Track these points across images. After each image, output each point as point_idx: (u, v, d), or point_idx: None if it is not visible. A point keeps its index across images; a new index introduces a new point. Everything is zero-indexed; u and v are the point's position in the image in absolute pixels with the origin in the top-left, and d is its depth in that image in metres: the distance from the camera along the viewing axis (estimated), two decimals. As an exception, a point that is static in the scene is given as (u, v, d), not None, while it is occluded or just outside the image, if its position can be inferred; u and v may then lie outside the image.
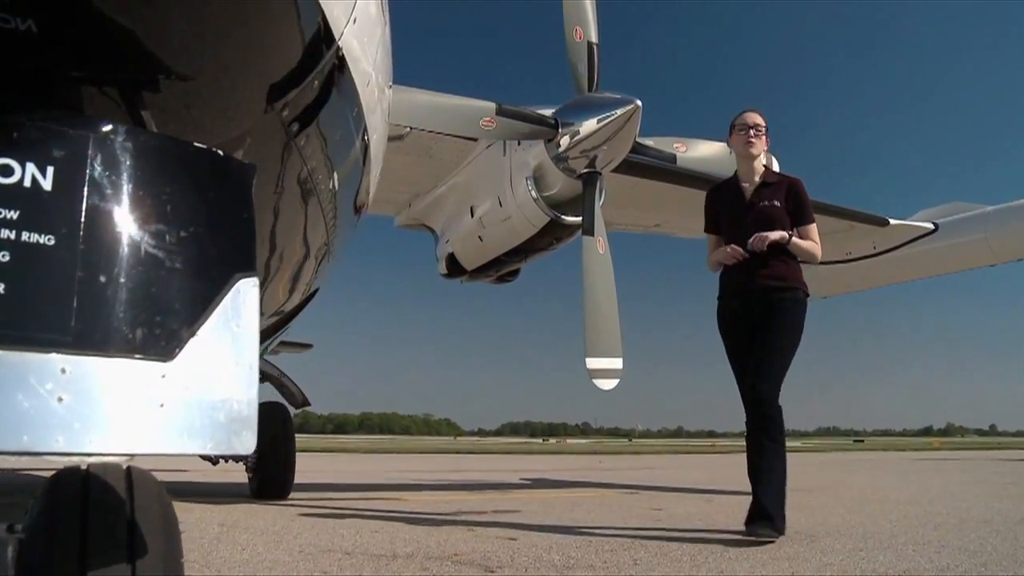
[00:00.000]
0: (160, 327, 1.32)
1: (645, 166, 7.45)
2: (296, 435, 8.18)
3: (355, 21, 1.81)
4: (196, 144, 1.48)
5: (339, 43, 1.78)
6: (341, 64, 1.88)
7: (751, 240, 4.70)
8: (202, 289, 1.40)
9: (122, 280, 1.31)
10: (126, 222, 1.34)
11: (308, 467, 15.76)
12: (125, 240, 1.33)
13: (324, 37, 1.72)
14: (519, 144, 6.76)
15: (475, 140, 7.18)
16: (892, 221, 9.60)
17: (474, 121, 5.97)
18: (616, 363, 6.12)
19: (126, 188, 1.35)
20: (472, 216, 7.47)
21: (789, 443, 4.84)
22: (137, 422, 1.25)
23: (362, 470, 16.47)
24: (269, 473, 7.70)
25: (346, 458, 26.14)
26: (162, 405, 1.29)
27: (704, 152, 7.20)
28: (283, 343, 13.66)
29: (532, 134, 6.33)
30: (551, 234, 6.88)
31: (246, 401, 1.39)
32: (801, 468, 17.59)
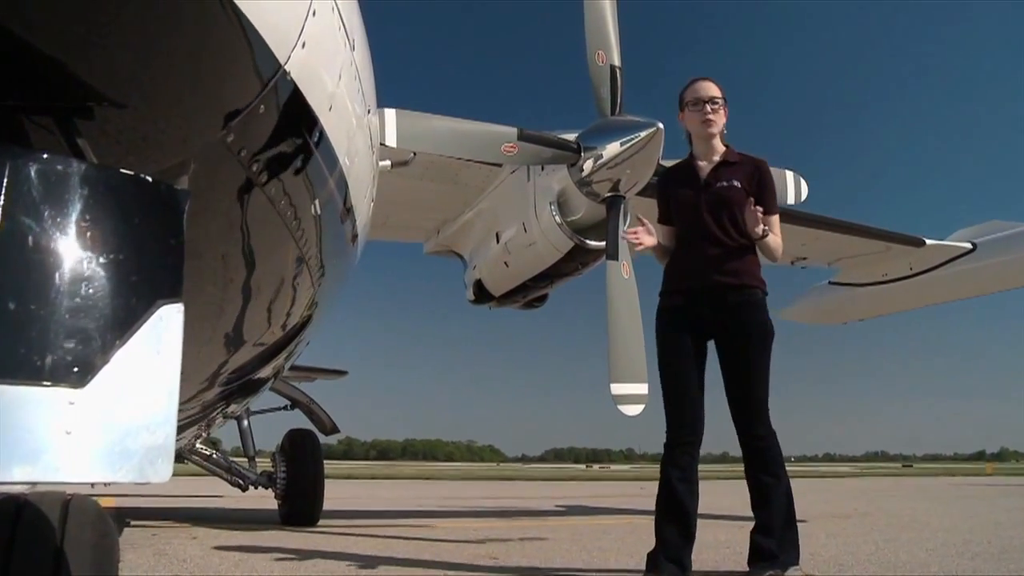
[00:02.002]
0: (72, 354, 1.31)
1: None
2: (340, 462, 8.25)
3: (304, 45, 1.80)
4: (123, 171, 1.48)
5: (285, 67, 1.77)
6: (291, 89, 1.87)
7: (747, 211, 3.96)
8: (121, 315, 1.39)
9: (33, 307, 1.30)
10: (41, 250, 1.34)
11: (346, 494, 15.79)
12: (39, 268, 1.33)
13: (267, 61, 1.71)
14: (542, 169, 6.73)
15: (499, 166, 7.17)
16: (928, 241, 9.40)
17: (495, 147, 5.95)
18: (641, 388, 6.02)
19: (42, 216, 1.35)
20: (498, 242, 7.45)
21: (835, 468, 4.58)
22: (41, 450, 1.24)
23: (399, 497, 16.46)
24: (298, 499, 7.74)
25: (387, 485, 26.17)
26: (69, 432, 1.27)
27: (729, 174, 7.10)
28: (318, 370, 13.80)
29: (555, 159, 6.29)
30: (576, 259, 6.81)
31: (163, 429, 1.38)
32: (842, 494, 17.28)
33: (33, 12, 1.36)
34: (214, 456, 8.17)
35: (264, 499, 8.39)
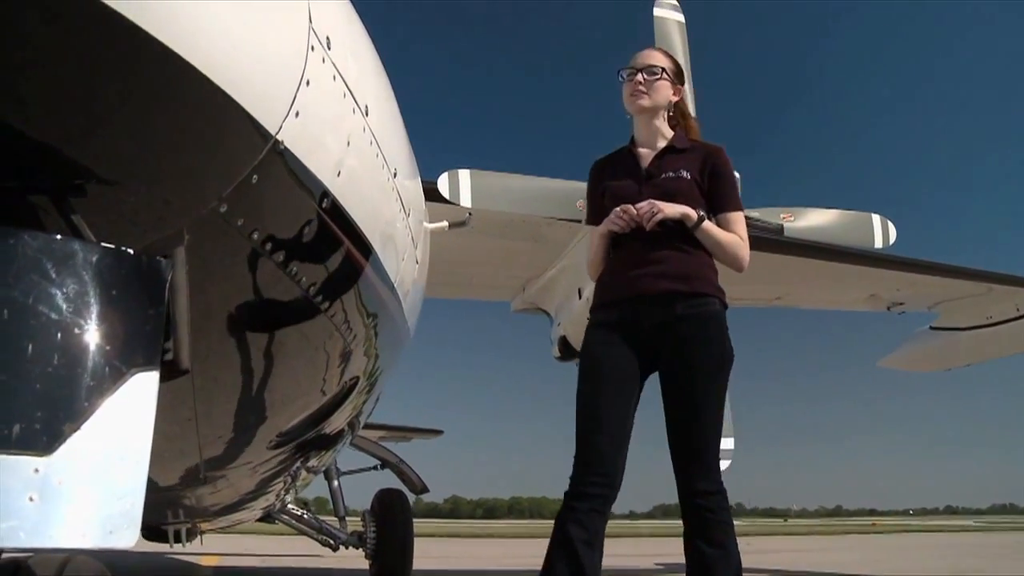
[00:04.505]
0: (41, 422, 1.38)
1: (751, 238, 7.24)
2: (445, 521, 8.27)
3: (298, 115, 1.85)
4: (103, 244, 1.56)
5: (278, 137, 1.82)
6: (288, 158, 1.91)
7: (638, 206, 3.12)
8: (92, 384, 1.45)
9: (4, 379, 1.37)
10: (15, 320, 1.41)
11: (444, 552, 15.77)
12: (9, 340, 1.40)
13: (256, 133, 1.76)
14: (621, 223, 6.72)
15: (579, 221, 7.20)
16: (1036, 279, 8.99)
17: (570, 202, 5.99)
18: (727, 443, 5.91)
19: (19, 288, 1.42)
20: (580, 298, 7.43)
21: (957, 522, 3.84)
22: (2, 516, 1.29)
23: (498, 555, 16.34)
24: (388, 559, 7.79)
25: (489, 543, 26.04)
26: (32, 499, 1.32)
27: (813, 221, 6.92)
28: (413, 430, 14.01)
29: (630, 212, 6.28)
30: (655, 313, 6.74)
31: (131, 496, 1.43)
32: (961, 551, 16.43)
33: (19, 91, 1.44)
34: (305, 516, 8.29)
35: (355, 559, 8.45)
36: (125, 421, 1.46)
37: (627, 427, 3.13)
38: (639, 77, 3.34)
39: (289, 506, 7.93)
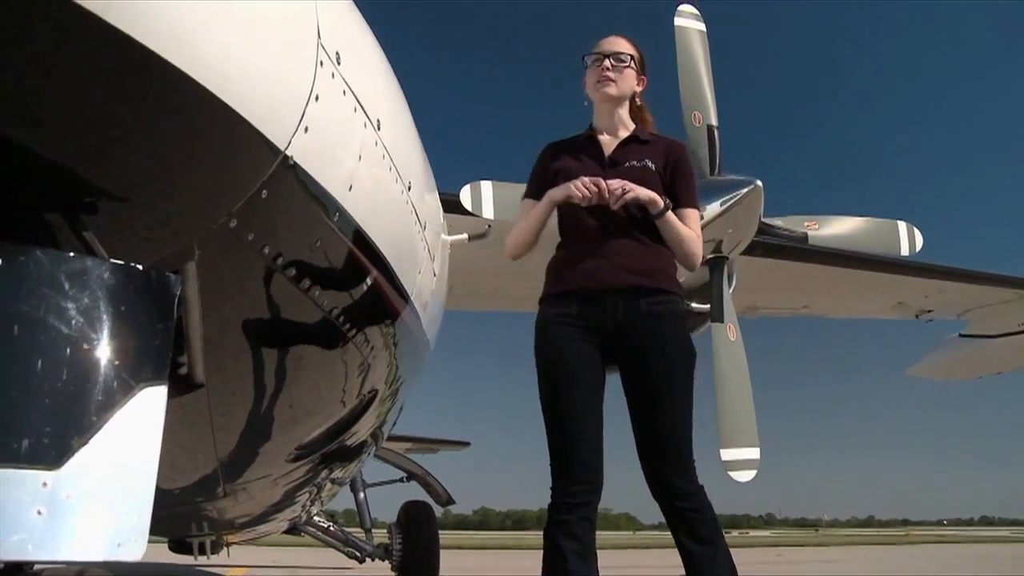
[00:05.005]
0: (49, 436, 1.40)
1: (775, 247, 7.23)
2: (475, 532, 8.28)
3: (307, 130, 1.87)
4: (113, 260, 1.59)
5: (287, 152, 1.84)
6: (298, 172, 1.93)
7: (609, 183, 2.95)
8: (100, 398, 1.47)
9: (14, 394, 1.39)
10: (22, 338, 1.43)
11: (473, 564, 15.76)
12: (19, 355, 1.42)
13: (265, 149, 1.78)
14: (644, 233, 6.71)
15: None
16: (1068, 285, 8.85)
17: (594, 213, 5.98)
18: (753, 453, 5.86)
19: (26, 304, 1.44)
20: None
21: (992, 533, 3.76)
22: (10, 529, 1.32)
23: (524, 567, 16.28)
24: (414, 571, 7.82)
25: (519, 555, 25.96)
26: (39, 512, 1.35)
27: (838, 228, 6.88)
28: (439, 442, 14.04)
29: (655, 222, 6.27)
30: (681, 324, 6.72)
31: (138, 509, 1.45)
32: (999, 563, 16.17)
33: (31, 110, 1.47)
34: (331, 528, 8.32)
35: (382, 571, 8.47)
36: (133, 435, 1.49)
37: (600, 427, 3.05)
38: (607, 63, 3.25)
39: (315, 518, 7.97)
